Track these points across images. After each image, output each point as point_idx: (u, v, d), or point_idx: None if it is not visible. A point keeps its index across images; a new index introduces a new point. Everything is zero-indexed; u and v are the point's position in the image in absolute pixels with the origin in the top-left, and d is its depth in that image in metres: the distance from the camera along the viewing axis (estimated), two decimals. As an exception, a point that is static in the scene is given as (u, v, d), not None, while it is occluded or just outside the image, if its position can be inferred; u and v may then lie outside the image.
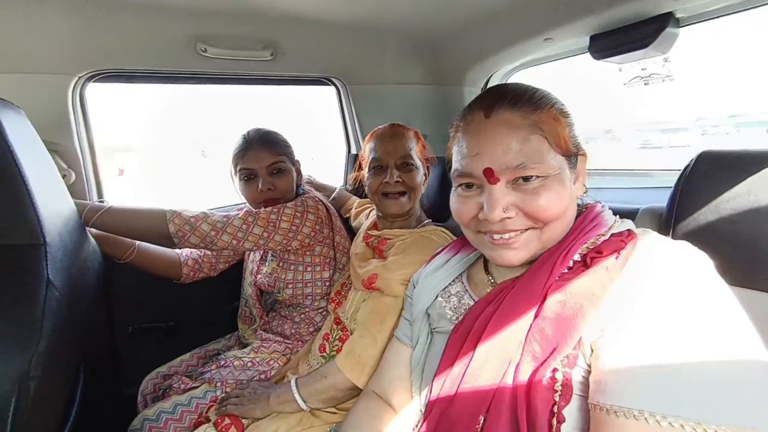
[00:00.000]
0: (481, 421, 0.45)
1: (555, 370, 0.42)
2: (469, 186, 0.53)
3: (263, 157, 1.06)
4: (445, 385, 0.51)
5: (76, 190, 1.10)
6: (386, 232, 0.97)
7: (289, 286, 1.08)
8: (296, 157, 1.16)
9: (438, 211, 1.21)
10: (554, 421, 0.40)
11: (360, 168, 1.06)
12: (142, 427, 0.88)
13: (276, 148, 1.09)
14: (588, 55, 1.16)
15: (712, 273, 0.41)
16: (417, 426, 0.60)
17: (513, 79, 1.68)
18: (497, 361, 0.46)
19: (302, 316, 1.11)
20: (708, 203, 0.61)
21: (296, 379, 0.86)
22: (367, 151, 1.01)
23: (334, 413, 0.84)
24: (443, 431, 0.49)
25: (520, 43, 1.24)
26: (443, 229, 0.94)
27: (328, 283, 1.10)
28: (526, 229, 0.50)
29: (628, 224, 0.53)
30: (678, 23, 0.97)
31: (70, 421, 0.74)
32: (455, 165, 0.54)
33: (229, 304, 1.27)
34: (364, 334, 0.82)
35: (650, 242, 0.45)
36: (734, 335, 0.36)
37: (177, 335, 1.23)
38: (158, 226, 0.91)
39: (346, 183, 1.69)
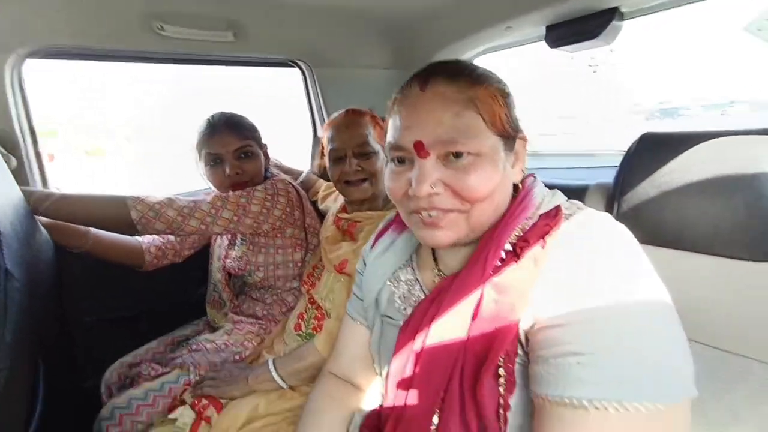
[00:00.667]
0: (436, 422, 0.46)
1: (498, 366, 0.43)
2: (401, 161, 0.52)
3: (229, 141, 1.04)
4: (398, 389, 0.52)
5: (18, 176, 1.02)
6: (356, 215, 1.00)
7: (261, 268, 1.07)
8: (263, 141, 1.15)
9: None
10: (501, 411, 0.42)
11: (322, 156, 1.07)
12: (112, 415, 0.86)
13: (243, 132, 1.07)
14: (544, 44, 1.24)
15: (632, 244, 0.43)
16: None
17: (478, 62, 1.73)
18: (444, 363, 0.47)
19: (274, 297, 1.12)
20: (647, 179, 0.70)
21: (273, 360, 0.88)
22: (325, 140, 1.01)
23: (312, 386, 0.87)
24: (402, 428, 0.50)
25: (484, 30, 1.29)
26: None
27: (300, 265, 1.11)
28: (452, 211, 0.49)
29: (558, 198, 0.52)
30: (622, 17, 1.06)
31: (36, 415, 0.72)
32: (388, 138, 0.53)
33: (195, 289, 1.24)
34: (339, 316, 0.84)
35: (575, 221, 0.46)
36: (648, 318, 0.38)
37: (141, 324, 1.19)
38: (118, 213, 0.87)
39: (312, 166, 1.69)
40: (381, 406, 0.60)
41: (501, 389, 0.43)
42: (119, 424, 0.85)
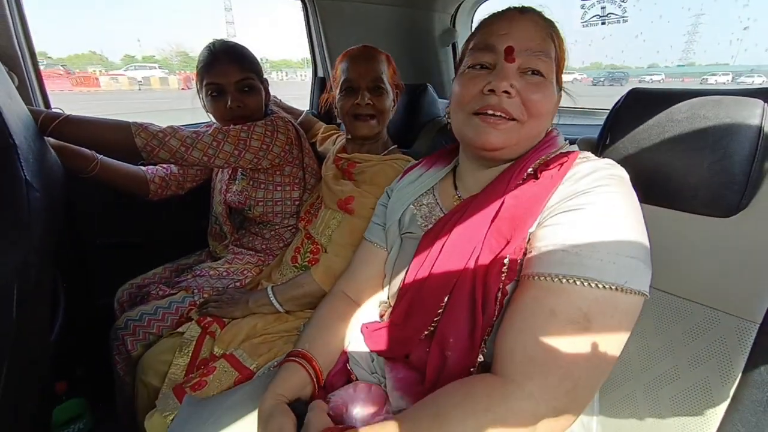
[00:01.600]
0: (446, 300, 0.56)
1: (505, 256, 0.53)
2: (482, 67, 0.59)
3: (231, 72, 1.03)
4: (418, 273, 0.62)
5: (21, 95, 1.02)
6: (356, 155, 1.03)
7: (260, 204, 1.12)
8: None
9: (402, 137, 1.28)
10: (499, 294, 0.52)
11: (331, 89, 1.07)
12: (126, 326, 0.95)
13: (245, 64, 1.06)
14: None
15: (624, 184, 0.52)
16: (384, 312, 0.72)
17: (481, 10, 1.66)
18: (462, 253, 0.56)
19: (272, 233, 1.18)
20: (628, 134, 0.73)
21: (272, 287, 0.96)
22: (339, 71, 1.02)
23: (306, 311, 0.96)
24: (413, 309, 0.60)
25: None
26: (408, 157, 1.01)
27: (297, 203, 1.16)
28: (509, 119, 0.57)
29: (574, 148, 0.63)
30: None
31: (58, 323, 0.80)
32: (476, 42, 0.61)
33: (198, 221, 1.31)
34: (339, 252, 0.92)
35: (586, 160, 0.56)
36: (621, 228, 0.48)
37: (147, 251, 1.27)
38: (123, 139, 0.89)
39: (312, 107, 1.68)
40: (383, 312, 0.71)
41: (503, 276, 0.53)
42: (133, 333, 0.95)
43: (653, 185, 0.69)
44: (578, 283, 0.45)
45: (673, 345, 0.63)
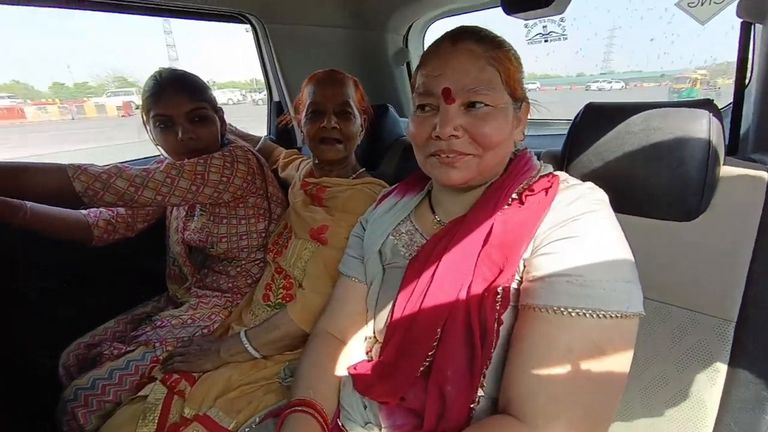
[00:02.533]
0: (439, 333, 0.54)
1: (499, 285, 0.52)
2: (427, 108, 0.59)
3: (181, 103, 0.96)
4: (406, 308, 0.59)
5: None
6: (325, 180, 1.00)
7: (223, 240, 1.05)
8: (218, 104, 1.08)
9: (367, 158, 1.26)
10: (495, 325, 0.51)
11: (296, 111, 1.04)
12: (76, 396, 0.83)
13: (195, 93, 0.99)
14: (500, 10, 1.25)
15: (608, 207, 0.54)
16: (370, 349, 0.68)
17: (431, 30, 1.71)
18: (452, 283, 0.55)
19: (238, 269, 1.11)
20: (590, 147, 0.75)
21: (245, 332, 0.88)
22: (305, 94, 0.99)
23: (285, 354, 0.89)
24: (407, 345, 0.57)
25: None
26: (379, 181, 1.00)
27: (263, 235, 1.10)
28: (468, 155, 0.57)
29: (549, 168, 0.63)
30: (575, -15, 1.08)
31: None
32: (418, 85, 0.60)
33: (153, 263, 1.19)
34: (317, 289, 0.87)
35: (569, 184, 0.57)
36: (615, 253, 0.49)
37: (95, 302, 1.13)
38: (59, 184, 0.80)
39: (269, 132, 1.62)
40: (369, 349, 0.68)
41: (497, 305, 0.51)
42: (85, 404, 0.83)
43: (620, 195, 0.72)
44: (588, 315, 0.45)
45: (659, 350, 0.65)
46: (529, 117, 0.66)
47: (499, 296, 0.51)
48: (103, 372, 0.87)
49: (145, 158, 1.29)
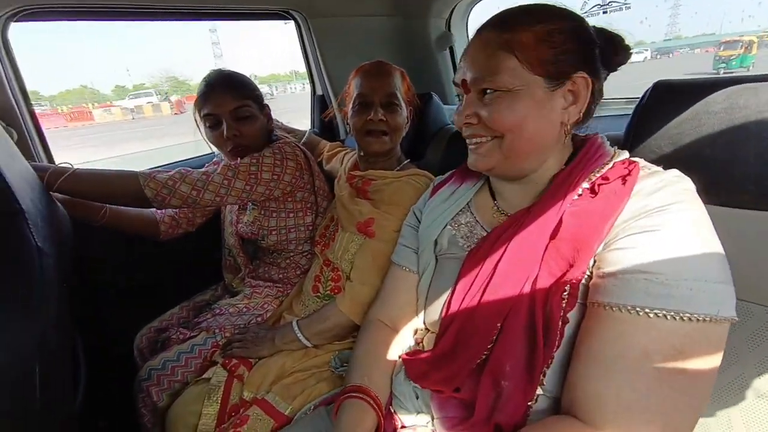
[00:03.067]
0: (499, 326, 0.52)
1: (568, 281, 0.49)
2: (461, 97, 0.61)
3: (226, 101, 1.00)
4: (465, 299, 0.58)
5: (21, 150, 1.00)
6: (370, 172, 1.00)
7: (273, 233, 1.09)
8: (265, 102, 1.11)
9: (412, 148, 1.24)
10: (560, 323, 0.48)
11: (343, 104, 1.05)
12: (150, 376, 0.92)
13: (240, 91, 1.03)
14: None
15: (697, 199, 0.49)
16: (421, 339, 0.68)
17: (477, 9, 1.63)
18: (517, 277, 0.52)
19: (288, 261, 1.15)
20: (659, 129, 0.69)
21: (297, 322, 0.92)
22: (352, 87, 0.99)
23: (335, 343, 0.92)
24: (465, 336, 0.56)
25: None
26: (424, 172, 0.98)
27: (311, 228, 1.13)
28: (491, 138, 0.57)
29: (624, 153, 0.58)
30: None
31: (81, 383, 0.76)
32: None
33: (210, 255, 1.27)
34: (365, 281, 0.87)
35: (651, 170, 0.52)
36: (704, 250, 0.44)
37: (162, 291, 1.23)
38: (132, 191, 0.88)
39: (313, 126, 1.65)
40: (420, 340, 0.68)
41: (563, 302, 0.49)
42: (157, 383, 0.91)
43: (696, 183, 0.66)
44: (668, 317, 0.41)
45: (738, 351, 0.59)
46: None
47: (566, 293, 0.49)
48: (171, 354, 0.94)
49: (197, 157, 1.36)
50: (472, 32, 0.63)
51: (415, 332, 0.72)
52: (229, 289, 1.21)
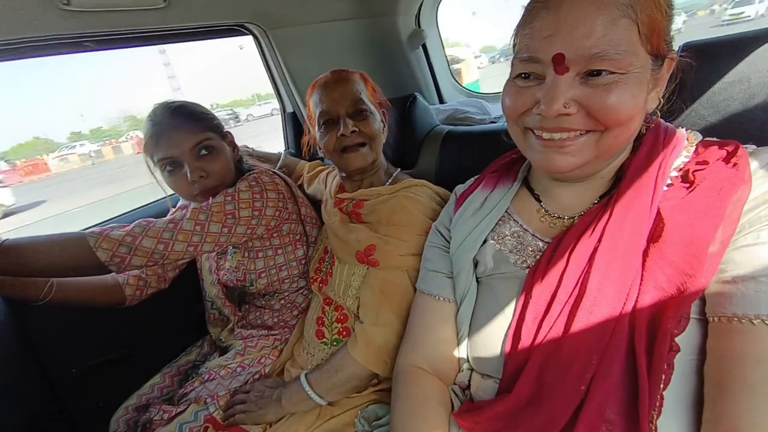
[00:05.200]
0: (596, 361, 0.41)
1: (689, 296, 0.38)
2: (527, 76, 0.46)
3: (183, 140, 0.84)
4: (541, 330, 0.46)
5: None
6: (360, 193, 0.87)
7: (262, 275, 0.94)
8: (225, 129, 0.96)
9: (402, 157, 1.13)
10: (667, 350, 0.38)
11: (308, 131, 0.92)
12: (133, 473, 0.75)
13: (197, 125, 0.87)
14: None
15: None
16: (466, 385, 0.55)
17: (444, 4, 1.55)
18: (613, 292, 0.42)
19: (282, 301, 1.01)
20: (700, 98, 0.60)
21: (306, 376, 0.78)
22: (312, 106, 0.87)
23: (353, 397, 0.78)
24: (551, 380, 0.44)
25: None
26: (422, 181, 0.86)
27: (303, 261, 0.99)
28: (586, 132, 0.44)
29: (698, 134, 0.49)
30: None
31: None
32: (519, 48, 0.46)
33: (191, 308, 1.11)
34: (378, 320, 0.74)
35: (757, 150, 0.43)
36: None
37: (137, 360, 1.05)
38: (81, 258, 0.72)
39: (287, 147, 1.51)
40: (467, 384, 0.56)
41: (679, 324, 0.39)
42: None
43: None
44: None
45: None
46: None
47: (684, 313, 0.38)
48: (156, 441, 0.78)
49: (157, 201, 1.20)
50: (442, 28, 0.51)
51: (458, 372, 0.59)
52: (217, 345, 1.05)
